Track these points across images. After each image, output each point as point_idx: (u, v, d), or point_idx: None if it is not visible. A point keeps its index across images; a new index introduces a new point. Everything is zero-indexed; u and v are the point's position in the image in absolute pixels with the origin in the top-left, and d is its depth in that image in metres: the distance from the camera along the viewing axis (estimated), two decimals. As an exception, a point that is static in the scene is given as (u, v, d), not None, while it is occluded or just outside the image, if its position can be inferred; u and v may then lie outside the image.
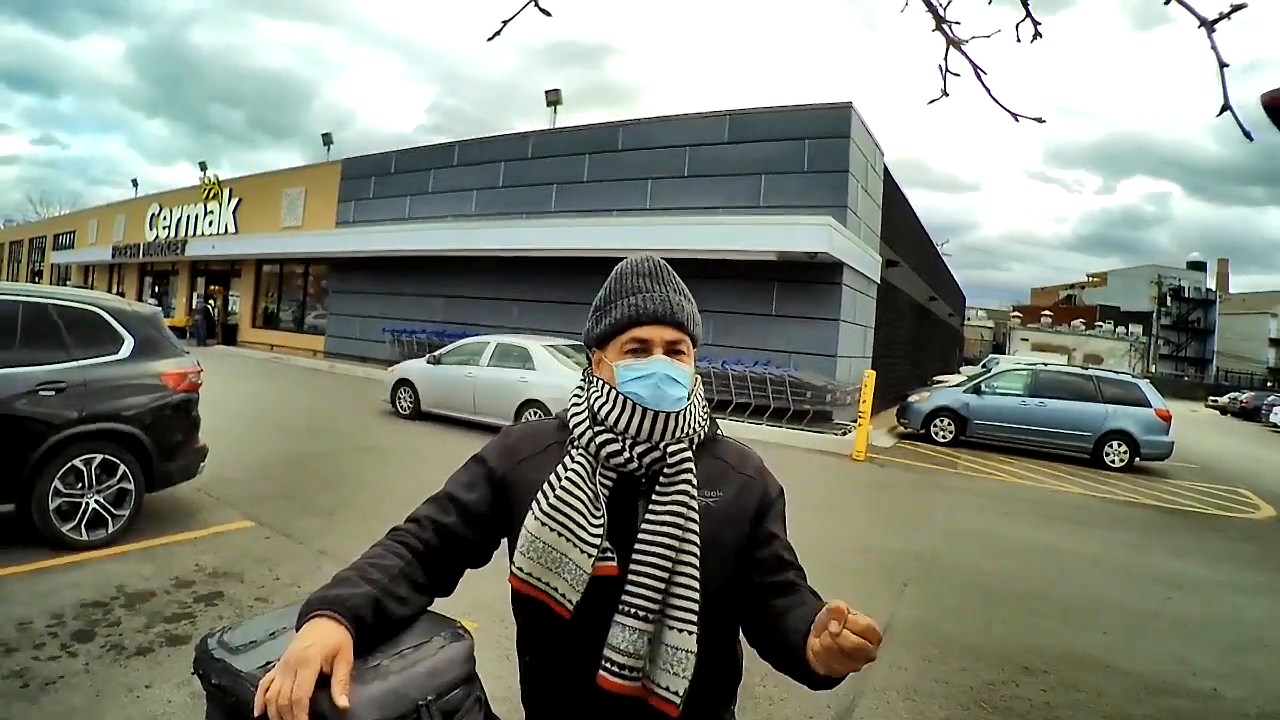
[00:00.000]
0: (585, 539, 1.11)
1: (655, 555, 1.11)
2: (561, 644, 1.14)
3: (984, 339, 59.13)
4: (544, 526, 1.11)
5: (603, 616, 1.11)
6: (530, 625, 1.19)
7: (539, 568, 1.10)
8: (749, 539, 1.21)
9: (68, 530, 4.30)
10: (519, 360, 10.10)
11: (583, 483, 1.14)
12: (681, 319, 1.21)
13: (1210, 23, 1.39)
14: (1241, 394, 40.82)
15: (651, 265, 1.25)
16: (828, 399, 12.04)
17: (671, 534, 1.12)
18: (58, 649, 3.09)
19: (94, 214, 36.17)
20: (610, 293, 1.24)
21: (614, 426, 1.17)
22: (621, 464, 1.16)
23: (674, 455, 1.17)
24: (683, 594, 1.11)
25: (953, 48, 1.79)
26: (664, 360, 1.18)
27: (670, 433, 1.17)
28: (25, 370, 4.23)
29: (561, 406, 1.32)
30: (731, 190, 13.72)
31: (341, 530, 5.11)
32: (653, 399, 1.17)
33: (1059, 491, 9.43)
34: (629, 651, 1.08)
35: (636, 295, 1.21)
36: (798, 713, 3.12)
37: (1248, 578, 6.11)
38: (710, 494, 1.19)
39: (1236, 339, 61.57)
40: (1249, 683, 3.88)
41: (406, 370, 11.37)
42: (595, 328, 1.25)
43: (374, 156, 20.90)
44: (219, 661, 0.95)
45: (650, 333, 1.19)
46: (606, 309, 1.24)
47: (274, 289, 24.80)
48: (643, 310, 1.19)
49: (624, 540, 1.14)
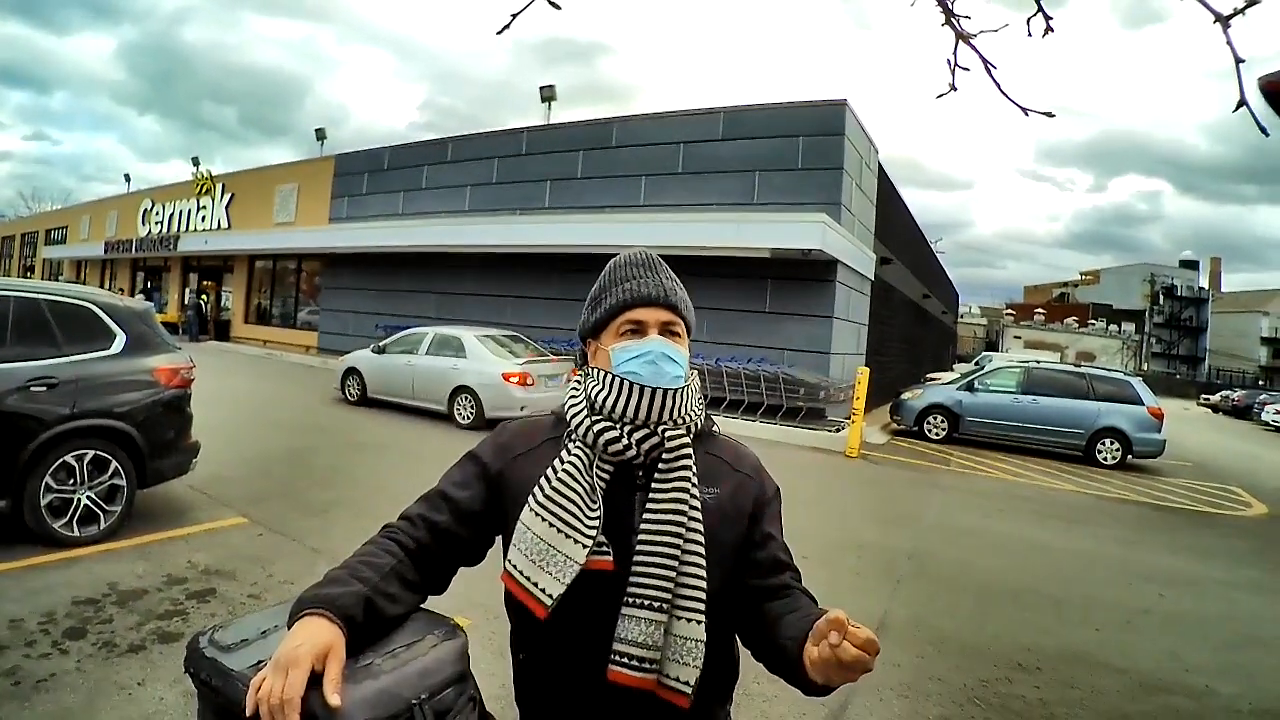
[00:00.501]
0: (580, 530, 1.10)
1: (664, 544, 1.10)
2: (555, 641, 1.13)
3: (977, 336, 59.30)
4: (538, 518, 1.10)
5: (597, 612, 1.10)
6: (522, 622, 1.18)
7: (526, 561, 1.09)
8: (745, 538, 1.21)
9: (59, 527, 4.27)
10: (454, 349, 10.72)
11: (579, 474, 1.13)
12: (675, 302, 1.24)
13: (1225, 18, 1.38)
14: (1233, 392, 41.00)
15: (644, 256, 1.28)
16: (821, 396, 12.06)
17: (677, 520, 1.11)
18: (49, 647, 3.07)
19: (86, 209, 35.94)
20: (605, 282, 1.27)
21: (612, 412, 1.17)
22: (620, 451, 1.15)
23: (672, 442, 1.16)
24: (691, 583, 1.10)
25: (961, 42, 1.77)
26: (660, 339, 1.20)
27: (669, 412, 1.17)
28: (16, 366, 4.20)
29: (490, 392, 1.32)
30: (726, 187, 13.71)
31: (335, 528, 5.10)
32: (651, 376, 1.17)
33: (1052, 489, 9.46)
34: (643, 643, 1.07)
35: (630, 281, 1.23)
36: (792, 711, 3.12)
37: (1240, 574, 6.14)
38: (707, 490, 1.18)
39: (1229, 337, 61.88)
40: (1242, 679, 3.90)
41: (355, 359, 12.06)
42: (590, 317, 1.27)
43: (367, 152, 20.80)
44: (210, 660, 0.94)
45: (645, 314, 1.21)
46: (601, 298, 1.26)
47: (267, 285, 24.68)
48: (637, 294, 1.22)
49: (620, 535, 1.13)
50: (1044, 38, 1.71)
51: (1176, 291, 63.42)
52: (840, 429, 11.66)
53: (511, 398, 9.66)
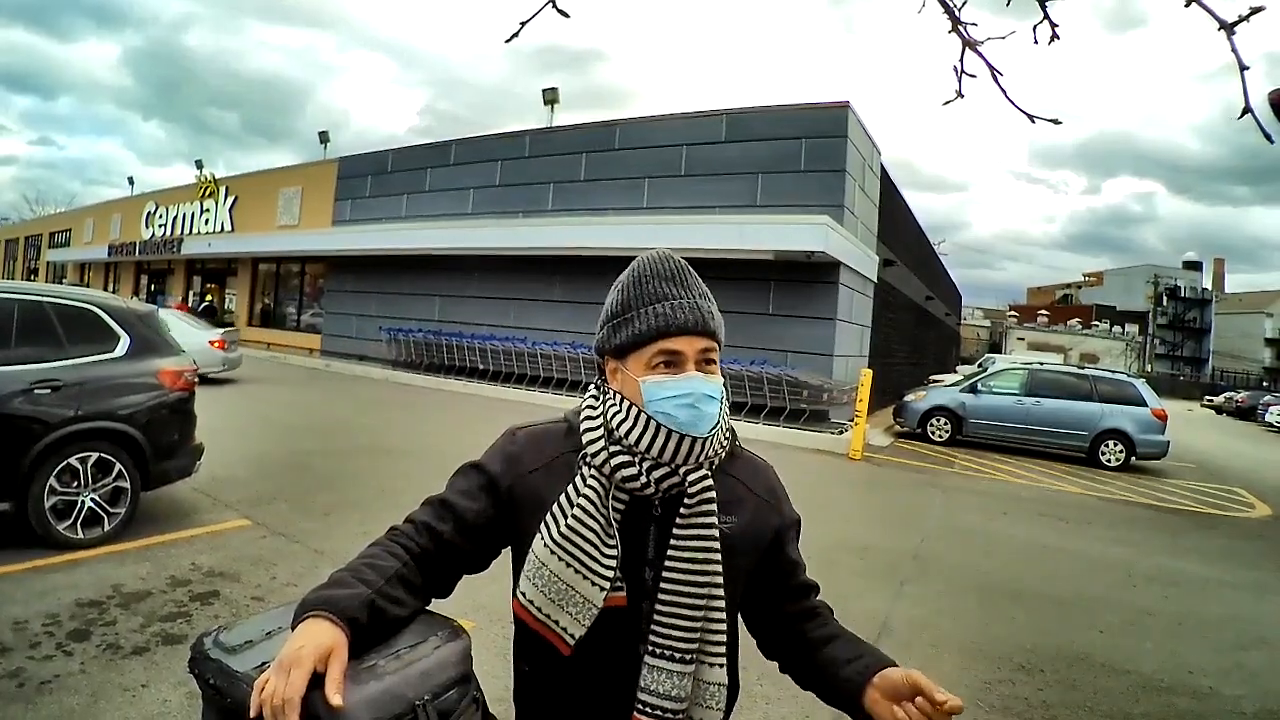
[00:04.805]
0: (598, 571, 1.06)
1: (689, 595, 1.07)
2: (565, 667, 1.11)
3: (980, 338, 59.19)
4: (553, 555, 1.06)
5: (609, 648, 1.08)
6: (531, 642, 1.13)
7: (544, 599, 1.06)
8: (759, 566, 1.20)
9: (63, 529, 4.28)
10: None
11: (595, 509, 1.07)
12: (713, 327, 1.12)
13: (1230, 25, 1.38)
14: (1237, 393, 40.84)
15: (673, 267, 1.15)
16: (824, 398, 12.06)
17: (701, 570, 1.08)
18: (53, 649, 3.08)
19: (90, 212, 36.07)
20: (630, 298, 1.13)
21: (635, 446, 1.09)
22: (636, 488, 1.09)
23: (694, 484, 1.09)
24: (715, 629, 1.09)
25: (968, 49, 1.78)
26: (700, 378, 1.09)
27: (694, 457, 1.09)
28: (21, 368, 4.21)
29: (200, 355, 1.27)
30: (728, 189, 13.72)
31: (338, 530, 5.10)
32: (689, 422, 1.07)
33: (1055, 490, 9.44)
34: (673, 695, 1.05)
35: (663, 303, 1.11)
36: (794, 713, 3.12)
37: (1244, 576, 6.12)
38: (725, 519, 1.12)
39: (1232, 338, 61.70)
40: (1246, 681, 3.89)
41: None
42: (614, 337, 1.14)
43: (370, 155, 20.86)
44: (215, 661, 0.94)
45: (682, 344, 1.09)
46: (627, 317, 1.12)
47: (270, 288, 24.75)
48: (672, 321, 1.09)
49: (634, 569, 1.10)
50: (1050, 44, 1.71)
51: (1180, 293, 63.28)
52: (843, 431, 11.65)
53: (215, 357, 12.48)
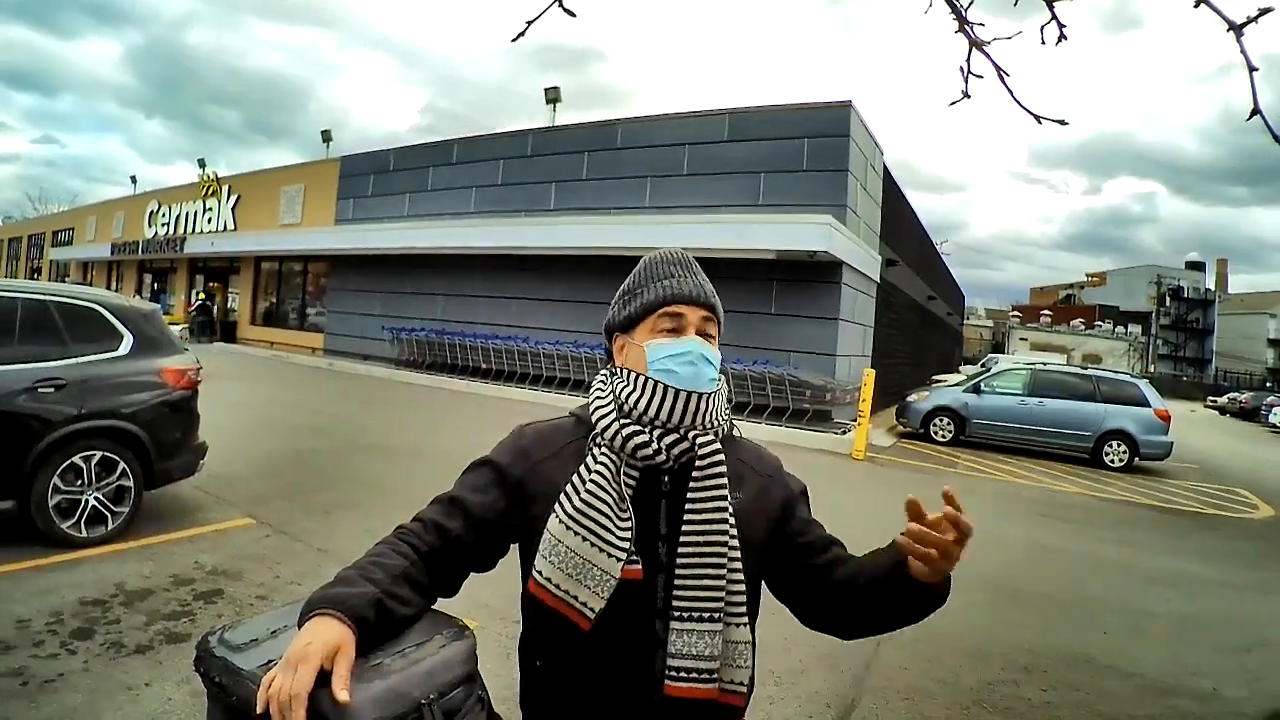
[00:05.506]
0: (613, 542, 1.08)
1: (711, 553, 1.10)
2: (581, 651, 1.11)
3: (983, 338, 59.14)
4: (569, 530, 1.08)
5: (626, 622, 1.09)
6: (545, 631, 1.14)
7: (561, 574, 1.07)
8: (770, 540, 1.21)
9: (67, 527, 4.29)
10: None
11: (608, 483, 1.11)
12: (713, 302, 1.23)
13: (1239, 26, 1.38)
14: (1240, 394, 40.79)
15: (679, 255, 1.27)
16: (827, 398, 12.04)
17: (720, 530, 1.11)
18: (57, 647, 3.09)
19: (93, 211, 36.11)
20: (640, 278, 1.25)
21: (643, 415, 1.14)
22: (648, 457, 1.12)
23: (704, 448, 1.14)
24: (738, 588, 1.11)
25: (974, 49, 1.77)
26: (699, 340, 1.19)
27: (700, 417, 1.15)
28: (24, 367, 4.22)
29: None
30: (731, 189, 13.70)
31: (341, 529, 5.11)
32: (689, 377, 1.15)
33: (1058, 491, 9.44)
34: (706, 655, 1.07)
35: (669, 279, 1.22)
36: (798, 712, 3.11)
37: (1247, 577, 6.11)
38: (732, 494, 1.16)
39: (1235, 339, 61.59)
40: (1249, 682, 3.88)
41: None
42: (622, 311, 1.24)
43: (373, 154, 20.86)
44: (220, 659, 0.95)
45: (684, 309, 1.20)
46: (636, 292, 1.24)
47: (273, 286, 24.75)
48: (677, 291, 1.21)
49: (648, 542, 1.12)
50: (1057, 45, 1.71)
51: (1183, 293, 63.19)
52: (846, 431, 11.64)
53: None
